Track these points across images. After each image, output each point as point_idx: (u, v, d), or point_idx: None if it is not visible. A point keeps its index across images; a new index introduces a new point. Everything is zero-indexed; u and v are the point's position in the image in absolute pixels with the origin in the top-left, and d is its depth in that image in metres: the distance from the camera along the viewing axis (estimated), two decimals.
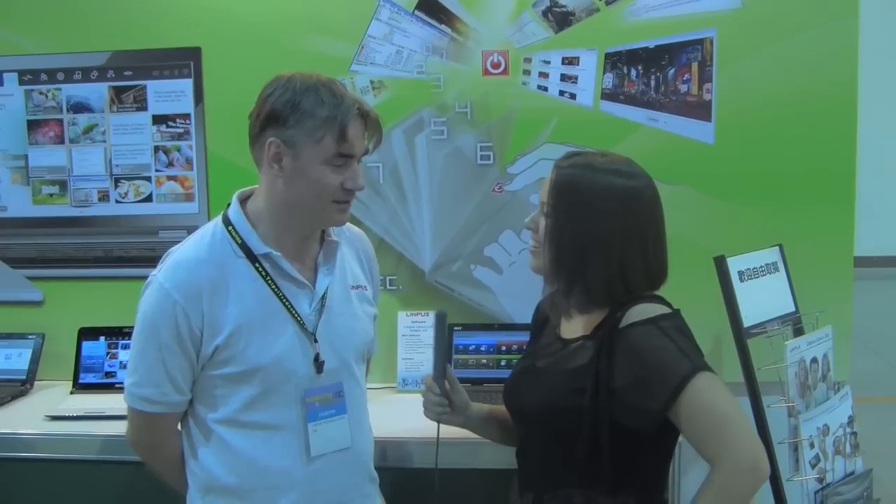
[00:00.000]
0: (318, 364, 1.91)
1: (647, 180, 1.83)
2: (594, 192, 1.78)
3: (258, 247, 1.86)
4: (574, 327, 1.87)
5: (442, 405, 2.02)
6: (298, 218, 1.89)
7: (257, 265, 1.86)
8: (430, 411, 2.04)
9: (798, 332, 2.61)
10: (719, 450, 1.64)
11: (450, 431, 2.42)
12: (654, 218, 1.82)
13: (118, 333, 3.05)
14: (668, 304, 1.82)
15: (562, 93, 2.93)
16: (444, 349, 2.00)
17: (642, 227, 1.79)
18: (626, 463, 1.75)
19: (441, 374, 1.99)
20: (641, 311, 1.75)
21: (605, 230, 1.77)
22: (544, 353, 1.93)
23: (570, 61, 2.91)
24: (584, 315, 1.84)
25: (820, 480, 2.44)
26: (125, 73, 3.12)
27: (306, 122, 1.79)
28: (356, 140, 1.84)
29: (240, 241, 1.87)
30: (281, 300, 1.87)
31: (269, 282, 1.87)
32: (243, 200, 1.94)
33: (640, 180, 1.81)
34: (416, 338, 3.00)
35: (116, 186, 3.17)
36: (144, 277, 1.89)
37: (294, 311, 1.88)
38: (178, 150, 3.12)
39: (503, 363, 2.95)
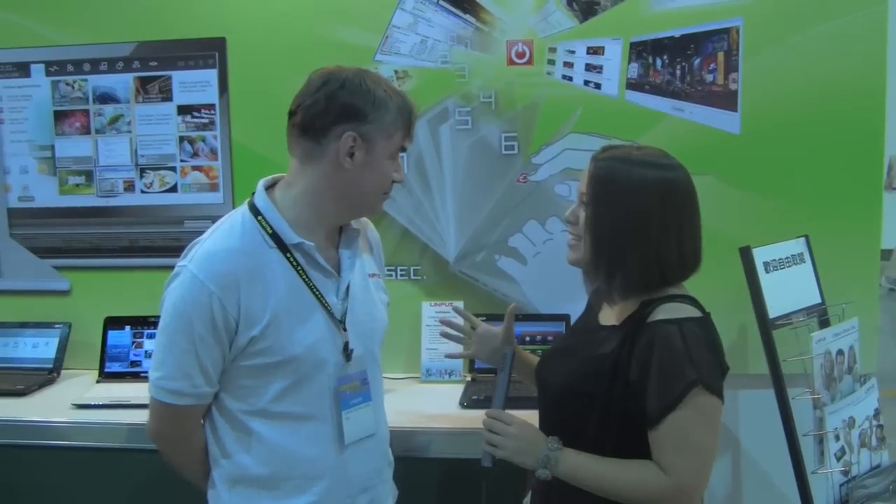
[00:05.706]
0: (348, 353, 1.91)
1: (683, 171, 1.86)
2: (631, 183, 1.81)
3: (290, 237, 1.85)
4: (610, 314, 1.91)
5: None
6: (344, 209, 1.90)
7: (288, 255, 1.86)
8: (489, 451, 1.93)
9: (824, 323, 2.60)
10: (675, 465, 1.72)
11: (461, 423, 2.42)
12: (689, 207, 1.85)
13: (143, 323, 3.08)
14: (700, 307, 1.84)
15: (587, 82, 2.91)
16: (508, 386, 2.00)
17: (678, 216, 1.82)
18: (633, 449, 1.78)
19: (502, 408, 1.95)
20: (670, 310, 1.78)
21: (642, 219, 1.80)
22: (580, 333, 2.01)
23: (594, 51, 2.90)
24: (623, 302, 1.87)
25: (845, 473, 2.43)
26: (150, 64, 3.14)
27: (385, 117, 1.81)
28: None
29: (270, 231, 1.86)
30: (312, 290, 1.87)
31: (301, 272, 1.86)
32: (267, 189, 1.92)
33: (675, 171, 1.84)
34: (440, 328, 2.97)
35: (142, 176, 3.19)
36: (170, 267, 1.86)
37: (324, 301, 1.88)
38: (203, 140, 3.14)
39: None
